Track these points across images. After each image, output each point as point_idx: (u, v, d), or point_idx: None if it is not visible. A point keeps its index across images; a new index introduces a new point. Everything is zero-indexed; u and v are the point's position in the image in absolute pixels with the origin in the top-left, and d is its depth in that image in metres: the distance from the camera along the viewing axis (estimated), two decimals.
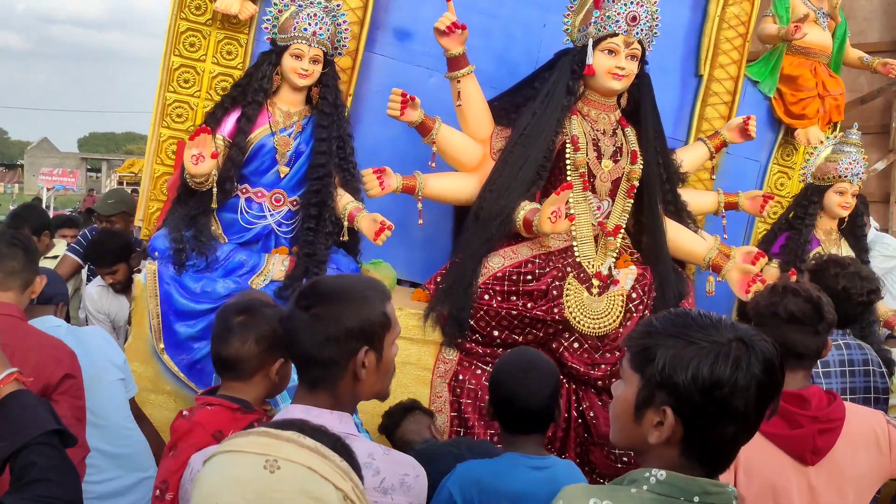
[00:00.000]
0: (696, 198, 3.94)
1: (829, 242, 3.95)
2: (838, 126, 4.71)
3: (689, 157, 3.93)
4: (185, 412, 1.80)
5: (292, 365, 1.93)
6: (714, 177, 4.52)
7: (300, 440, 1.13)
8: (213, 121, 3.21)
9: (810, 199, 3.96)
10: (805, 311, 2.05)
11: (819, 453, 1.97)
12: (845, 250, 3.97)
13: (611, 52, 3.41)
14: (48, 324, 2.66)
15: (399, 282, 3.91)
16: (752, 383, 1.25)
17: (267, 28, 3.27)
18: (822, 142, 4.07)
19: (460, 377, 3.30)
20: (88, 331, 3.04)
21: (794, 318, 2.05)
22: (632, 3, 3.38)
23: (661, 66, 4.52)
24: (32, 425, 1.62)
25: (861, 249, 4.00)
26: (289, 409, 1.66)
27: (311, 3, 3.20)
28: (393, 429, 2.94)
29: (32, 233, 4.22)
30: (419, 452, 2.34)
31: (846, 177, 3.87)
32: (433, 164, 3.50)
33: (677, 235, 3.59)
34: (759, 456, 1.95)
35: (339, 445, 1.20)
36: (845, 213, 3.92)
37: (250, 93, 3.23)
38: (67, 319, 3.39)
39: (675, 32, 4.55)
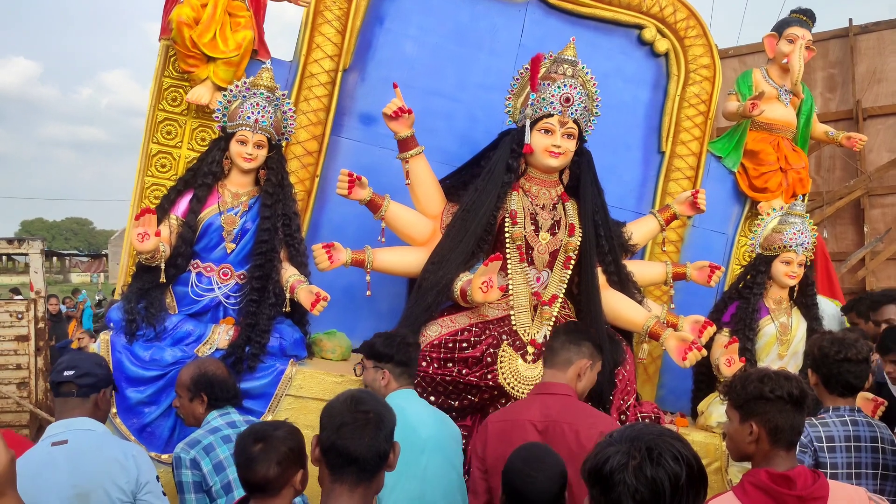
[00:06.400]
0: (645, 269, 4.05)
1: (779, 311, 3.97)
2: (805, 197, 4.79)
3: (640, 230, 4.05)
4: None
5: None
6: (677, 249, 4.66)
7: None
8: (167, 202, 3.50)
9: (758, 269, 4.00)
10: (792, 393, 2.13)
11: None
12: (795, 319, 3.98)
13: (547, 131, 3.61)
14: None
15: (357, 351, 4.09)
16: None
17: (218, 117, 3.59)
18: (768, 213, 4.14)
19: None
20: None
21: (789, 398, 2.12)
22: (565, 85, 3.59)
23: (624, 143, 4.75)
24: None
25: (812, 318, 4.00)
26: None
27: (255, 93, 3.52)
28: None
29: None
30: None
31: (791, 247, 3.92)
32: (383, 239, 3.70)
33: (618, 304, 3.69)
34: None
35: None
36: (792, 283, 3.95)
37: (201, 176, 3.51)
38: None
39: (637, 111, 4.77)
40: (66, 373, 2.56)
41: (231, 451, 2.57)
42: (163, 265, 3.32)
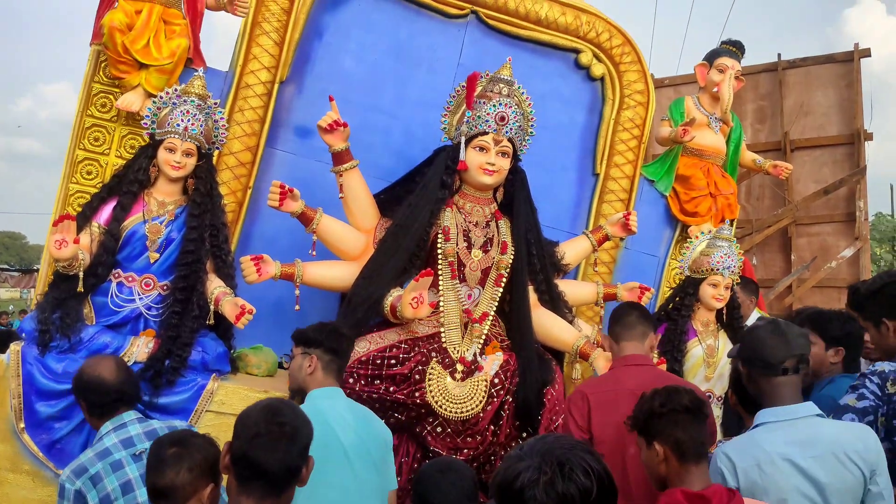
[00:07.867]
0: (576, 288, 4.08)
1: (706, 333, 4.05)
2: (734, 222, 4.91)
3: (572, 249, 4.09)
4: None
5: (221, 488, 2.08)
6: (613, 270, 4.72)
7: None
8: (90, 209, 3.38)
9: (686, 291, 4.08)
10: (684, 403, 2.11)
11: None
12: (722, 341, 4.06)
13: (482, 149, 3.62)
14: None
15: (283, 366, 4.00)
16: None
17: (147, 124, 3.49)
18: (697, 236, 4.24)
19: None
20: None
21: (683, 410, 2.10)
22: (501, 104, 3.62)
23: (560, 164, 4.80)
24: None
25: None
26: None
27: (186, 101, 3.44)
28: None
29: None
30: None
31: (718, 270, 4.01)
32: (314, 253, 3.64)
33: (548, 324, 3.70)
34: None
35: None
36: (719, 305, 4.04)
37: (126, 183, 3.41)
38: None
39: (573, 133, 4.84)
40: None
41: (121, 480, 2.45)
42: (81, 274, 3.19)
